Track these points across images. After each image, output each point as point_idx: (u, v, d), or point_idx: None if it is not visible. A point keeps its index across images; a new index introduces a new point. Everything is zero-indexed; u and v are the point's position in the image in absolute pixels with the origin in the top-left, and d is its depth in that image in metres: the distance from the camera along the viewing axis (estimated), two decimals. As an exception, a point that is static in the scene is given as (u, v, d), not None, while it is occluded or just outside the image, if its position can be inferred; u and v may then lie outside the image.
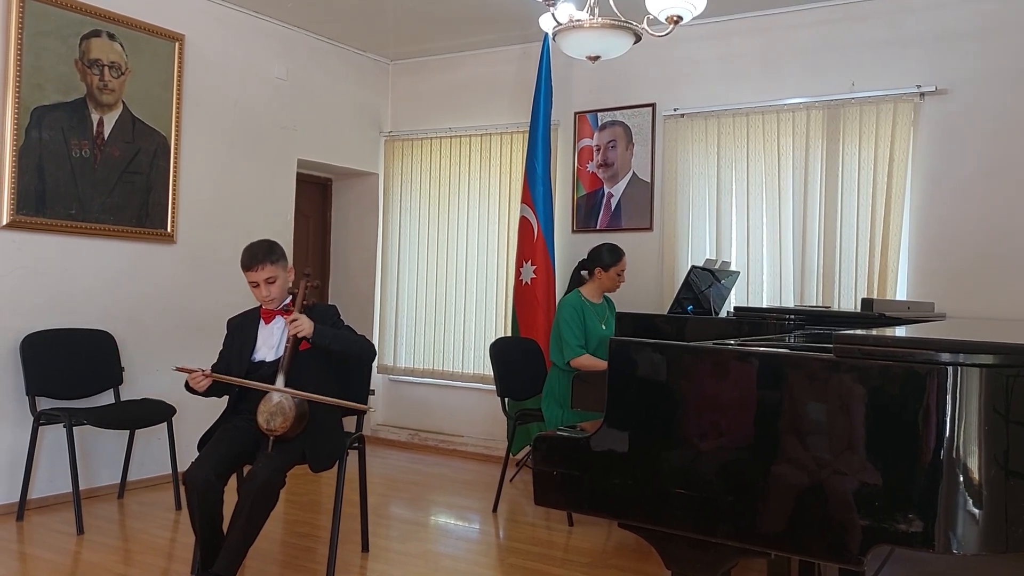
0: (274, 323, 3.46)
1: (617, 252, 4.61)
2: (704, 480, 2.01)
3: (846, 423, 1.86)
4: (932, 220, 4.77)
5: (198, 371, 3.31)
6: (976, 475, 1.75)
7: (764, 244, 5.17)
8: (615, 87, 5.71)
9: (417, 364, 6.52)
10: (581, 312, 4.52)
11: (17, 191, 4.35)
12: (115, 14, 4.76)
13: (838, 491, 1.85)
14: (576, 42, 3.53)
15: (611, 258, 4.58)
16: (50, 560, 3.70)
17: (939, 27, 4.75)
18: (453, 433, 6.36)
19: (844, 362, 1.87)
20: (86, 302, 4.68)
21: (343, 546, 3.73)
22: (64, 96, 4.55)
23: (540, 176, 5.57)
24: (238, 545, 3.06)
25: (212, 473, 3.10)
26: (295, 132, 5.97)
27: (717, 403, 2.02)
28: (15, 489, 4.30)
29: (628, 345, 2.19)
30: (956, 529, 1.75)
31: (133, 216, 4.89)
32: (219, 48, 5.40)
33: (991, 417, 1.76)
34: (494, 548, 4.20)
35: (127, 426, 4.56)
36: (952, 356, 1.76)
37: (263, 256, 3.39)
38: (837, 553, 1.86)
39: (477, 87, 6.34)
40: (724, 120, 5.32)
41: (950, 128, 4.72)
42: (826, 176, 4.99)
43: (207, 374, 3.32)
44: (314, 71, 6.11)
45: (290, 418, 3.21)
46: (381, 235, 6.71)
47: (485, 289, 6.21)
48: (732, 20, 5.33)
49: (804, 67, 5.12)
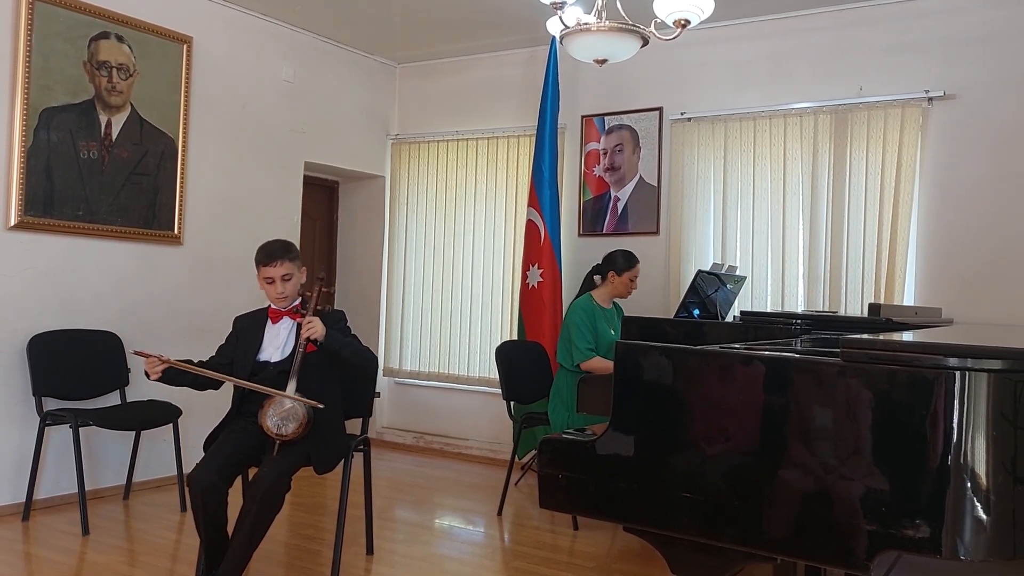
0: (281, 324, 3.46)
1: (632, 258, 4.65)
2: (710, 484, 2.00)
3: (853, 428, 1.85)
4: (940, 225, 4.75)
5: (155, 356, 3.22)
6: (983, 481, 1.74)
7: (771, 249, 5.16)
8: (622, 91, 5.71)
9: (423, 367, 6.52)
10: (592, 315, 4.52)
11: (25, 192, 4.36)
12: (124, 16, 4.78)
13: (844, 496, 1.84)
14: (583, 45, 3.53)
15: (626, 263, 4.61)
16: (55, 561, 3.70)
17: (948, 33, 4.73)
18: (458, 436, 6.36)
19: (851, 366, 1.86)
20: (93, 303, 4.69)
21: (348, 548, 3.73)
22: (72, 98, 4.56)
23: (547, 179, 5.57)
24: (243, 549, 3.06)
25: (216, 476, 3.10)
26: (302, 135, 5.98)
27: (723, 407, 2.02)
28: (21, 489, 4.30)
29: (634, 348, 2.19)
30: (963, 535, 1.74)
31: (140, 218, 4.90)
32: (227, 50, 5.42)
33: (998, 422, 1.75)
34: (499, 552, 4.19)
35: (133, 427, 4.57)
36: (960, 361, 1.75)
37: (281, 253, 3.42)
38: (843, 558, 1.85)
39: (484, 90, 6.34)
40: (731, 124, 5.31)
41: (958, 134, 4.71)
42: (834, 181, 4.98)
43: (163, 359, 3.21)
44: (321, 74, 6.12)
45: (303, 424, 3.21)
46: (387, 238, 6.71)
47: (491, 292, 6.21)
48: (740, 24, 5.32)
49: (812, 72, 5.11)
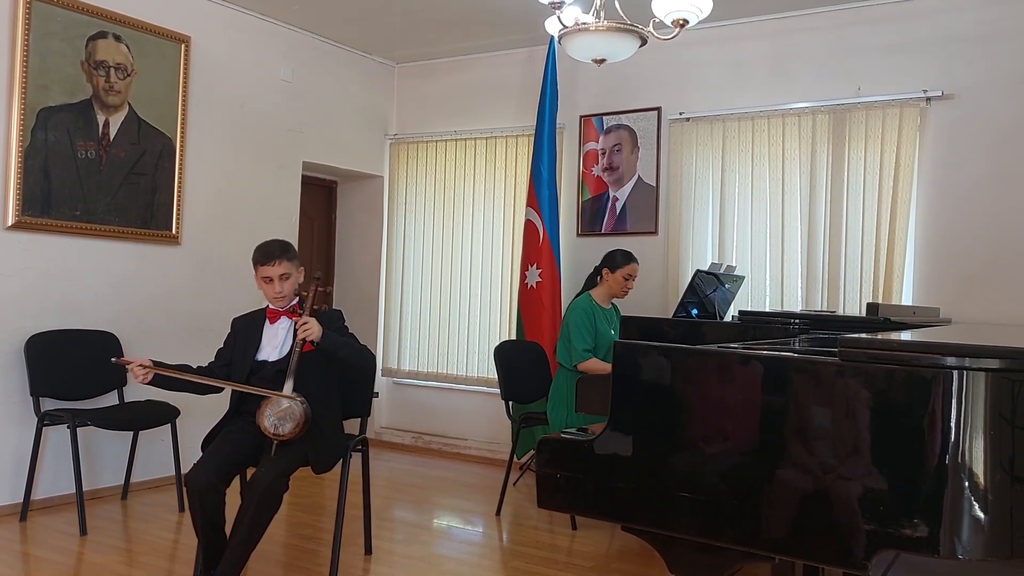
0: (279, 323, 3.46)
1: (629, 256, 4.65)
2: (708, 483, 2.00)
3: (851, 427, 1.85)
4: (938, 225, 4.75)
5: (135, 362, 3.19)
6: (981, 480, 1.74)
7: (769, 249, 5.16)
8: (620, 91, 5.71)
9: (421, 367, 6.51)
10: (592, 315, 4.52)
11: (23, 192, 4.36)
12: (121, 16, 4.78)
13: (843, 495, 1.84)
14: (582, 45, 3.53)
15: (622, 260, 4.61)
16: (53, 561, 3.70)
17: (946, 32, 4.74)
18: (457, 436, 6.36)
19: (849, 366, 1.86)
20: (90, 303, 4.69)
21: (346, 548, 3.73)
22: (70, 97, 4.56)
23: (545, 179, 5.56)
24: (241, 549, 3.05)
25: (214, 476, 3.09)
26: (300, 134, 5.98)
27: (722, 406, 2.02)
28: (19, 490, 4.29)
29: (632, 348, 2.19)
30: (961, 534, 1.74)
31: (138, 217, 4.90)
32: (225, 50, 5.41)
33: (996, 422, 1.75)
34: (497, 551, 4.19)
35: (131, 427, 4.57)
36: (958, 360, 1.76)
37: (280, 252, 3.42)
38: (842, 558, 1.85)
39: (482, 90, 6.34)
40: (730, 124, 5.31)
41: (956, 133, 4.71)
42: (832, 181, 4.98)
43: (147, 366, 3.17)
44: (320, 73, 6.12)
45: (300, 424, 3.21)
46: (386, 238, 6.71)
47: (490, 292, 6.20)
48: (738, 24, 5.32)
49: (810, 72, 5.11)
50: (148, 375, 3.20)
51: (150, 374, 3.21)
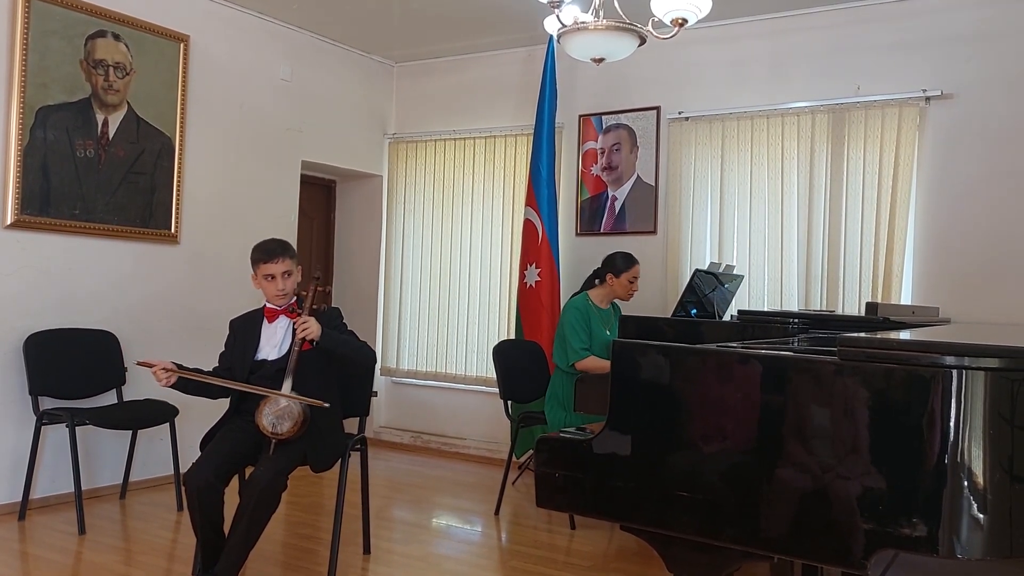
0: (277, 322, 3.46)
1: (630, 259, 4.64)
2: (707, 483, 2.00)
3: (850, 426, 1.85)
4: (937, 224, 4.75)
5: (158, 364, 3.17)
6: (980, 479, 1.74)
7: (768, 248, 5.16)
8: (619, 90, 5.71)
9: (420, 366, 6.51)
10: (587, 315, 4.51)
11: (22, 191, 4.35)
12: (120, 14, 4.77)
13: (842, 495, 1.84)
14: (581, 44, 3.53)
15: (624, 263, 4.60)
16: (52, 560, 3.70)
17: (945, 32, 4.74)
18: (456, 436, 6.36)
19: (848, 365, 1.86)
20: (89, 302, 4.68)
21: (345, 548, 3.73)
22: (69, 96, 4.55)
23: (544, 179, 5.56)
24: (239, 548, 3.05)
25: (212, 475, 3.09)
26: (300, 133, 5.97)
27: (720, 406, 2.01)
28: (17, 489, 4.29)
29: (631, 347, 2.18)
30: (960, 533, 1.74)
31: (137, 216, 4.90)
32: (224, 49, 5.41)
33: (995, 421, 1.75)
34: (496, 551, 4.19)
35: (130, 426, 4.56)
36: (957, 360, 1.75)
37: (281, 250, 3.42)
38: (841, 557, 1.85)
39: (482, 89, 6.34)
40: (729, 124, 5.31)
41: (956, 133, 4.71)
42: (831, 180, 4.98)
43: (170, 369, 3.16)
44: (319, 73, 6.12)
45: (299, 423, 3.21)
46: (385, 237, 6.70)
47: (489, 292, 6.20)
48: (737, 23, 5.32)
49: (810, 71, 5.11)
50: (171, 378, 3.20)
51: (173, 377, 3.20)
